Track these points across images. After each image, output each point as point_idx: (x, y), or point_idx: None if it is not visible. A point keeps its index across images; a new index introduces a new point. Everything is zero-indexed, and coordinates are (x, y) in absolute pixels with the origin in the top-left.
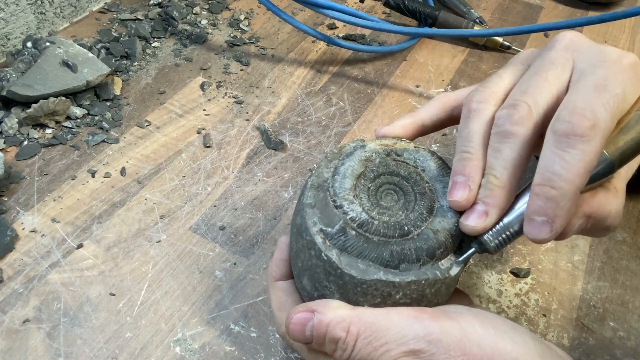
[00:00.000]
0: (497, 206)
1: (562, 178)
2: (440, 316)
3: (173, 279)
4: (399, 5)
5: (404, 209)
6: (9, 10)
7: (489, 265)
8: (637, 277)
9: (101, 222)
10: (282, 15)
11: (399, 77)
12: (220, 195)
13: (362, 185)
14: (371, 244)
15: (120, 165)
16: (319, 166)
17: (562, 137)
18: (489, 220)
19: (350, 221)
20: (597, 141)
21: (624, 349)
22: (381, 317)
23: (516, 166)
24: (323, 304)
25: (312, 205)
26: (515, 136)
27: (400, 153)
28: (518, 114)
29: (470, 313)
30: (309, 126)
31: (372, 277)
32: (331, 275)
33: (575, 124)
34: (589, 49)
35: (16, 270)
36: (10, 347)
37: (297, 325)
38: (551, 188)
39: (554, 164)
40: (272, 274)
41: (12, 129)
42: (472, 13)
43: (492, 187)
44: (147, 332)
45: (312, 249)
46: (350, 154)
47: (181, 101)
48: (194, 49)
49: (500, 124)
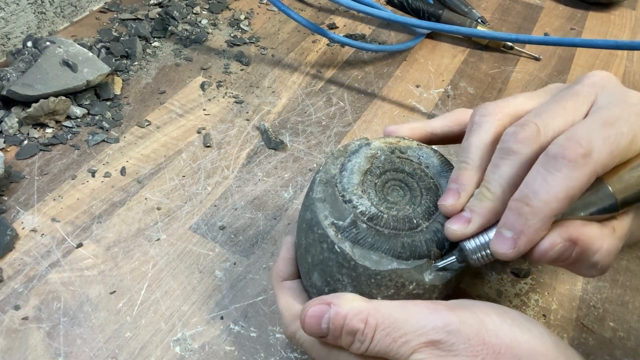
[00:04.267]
0: (481, 216)
1: (538, 197)
2: (456, 308)
3: (173, 278)
4: (403, 4)
5: (411, 203)
6: (9, 9)
7: (489, 265)
8: (637, 278)
9: (101, 221)
10: (289, 12)
11: (399, 77)
12: (220, 195)
13: (369, 181)
14: (382, 236)
15: (120, 165)
16: (325, 163)
17: (550, 158)
18: (470, 227)
19: (360, 215)
20: (585, 170)
21: (623, 349)
22: (398, 309)
23: (511, 184)
24: (338, 297)
25: (322, 200)
26: (517, 154)
27: (404, 150)
28: (524, 133)
29: (485, 305)
30: (309, 126)
31: (386, 268)
32: (344, 268)
33: (566, 148)
34: (614, 89)
35: (16, 269)
36: (10, 347)
37: (313, 319)
38: (525, 205)
39: (535, 183)
40: (278, 274)
41: (12, 129)
42: (473, 13)
43: (482, 199)
44: (147, 332)
45: (325, 242)
46: (356, 151)
47: (181, 101)
48: (194, 48)
49: (505, 140)
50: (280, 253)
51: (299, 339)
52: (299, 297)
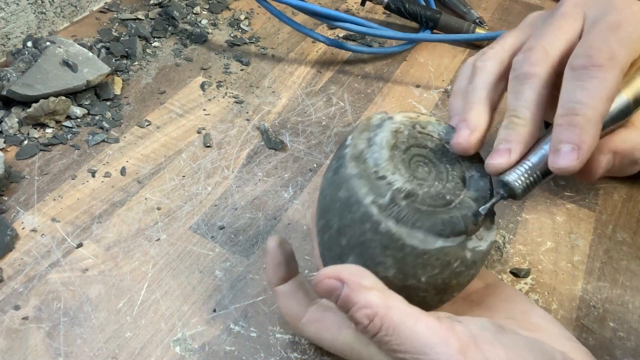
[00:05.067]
0: (520, 142)
1: (585, 105)
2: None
3: (173, 278)
4: (400, 8)
5: (439, 179)
6: (9, 9)
7: (489, 265)
8: (637, 278)
9: (101, 221)
10: (280, 16)
11: (399, 77)
12: (220, 195)
13: (397, 156)
14: (422, 213)
15: (120, 165)
16: (352, 137)
17: (581, 69)
18: (512, 155)
19: (397, 192)
20: (615, 72)
21: (623, 349)
22: (409, 323)
23: (538, 105)
24: (355, 280)
25: (359, 176)
26: (535, 76)
27: (425, 125)
28: (535, 55)
29: (499, 343)
30: (309, 126)
31: (433, 247)
32: (389, 249)
33: (593, 56)
34: (598, 2)
35: (16, 269)
36: (10, 347)
37: (324, 291)
38: (575, 115)
39: (575, 94)
40: (270, 282)
41: (12, 129)
42: (472, 13)
43: (514, 127)
44: (147, 332)
45: (367, 222)
46: (380, 125)
47: (181, 101)
48: (194, 48)
49: (517, 67)
50: (268, 259)
51: (308, 337)
52: (293, 299)
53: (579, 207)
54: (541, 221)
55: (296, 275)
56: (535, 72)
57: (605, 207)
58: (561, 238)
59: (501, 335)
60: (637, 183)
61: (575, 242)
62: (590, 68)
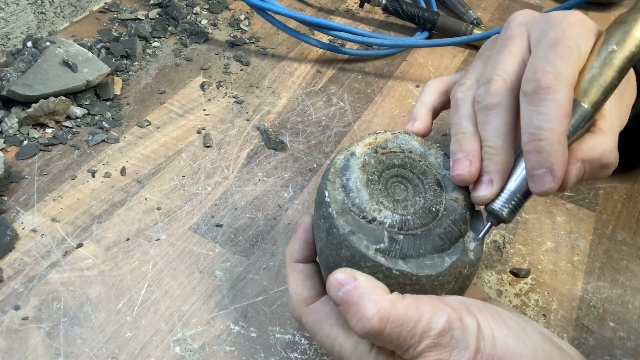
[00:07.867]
0: (498, 172)
1: (545, 129)
2: (461, 309)
3: (173, 278)
4: (398, 10)
5: (418, 193)
6: (9, 9)
7: (489, 265)
8: (637, 278)
9: (101, 221)
10: (273, 21)
11: (399, 77)
12: (220, 195)
13: (374, 190)
14: (420, 238)
15: (120, 165)
16: (327, 191)
17: (532, 94)
18: (495, 186)
19: (391, 229)
20: (564, 89)
21: (624, 349)
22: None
23: (506, 132)
24: (365, 283)
25: (354, 232)
26: (497, 106)
27: (384, 145)
28: (493, 87)
29: (487, 310)
30: (309, 126)
31: (444, 267)
32: (407, 286)
33: (540, 80)
34: (539, 19)
35: (16, 269)
36: (10, 347)
37: (334, 285)
38: (538, 141)
39: (533, 120)
40: (292, 255)
41: (12, 129)
42: (470, 14)
43: (489, 156)
44: (147, 332)
45: (379, 272)
46: (347, 166)
47: (181, 101)
48: (194, 48)
49: (480, 100)
50: (297, 233)
51: (305, 324)
52: (309, 282)
53: (579, 207)
54: (541, 221)
55: (314, 262)
56: (497, 102)
57: (605, 207)
58: (561, 238)
59: (487, 307)
60: (637, 183)
61: (575, 242)
62: (540, 92)
